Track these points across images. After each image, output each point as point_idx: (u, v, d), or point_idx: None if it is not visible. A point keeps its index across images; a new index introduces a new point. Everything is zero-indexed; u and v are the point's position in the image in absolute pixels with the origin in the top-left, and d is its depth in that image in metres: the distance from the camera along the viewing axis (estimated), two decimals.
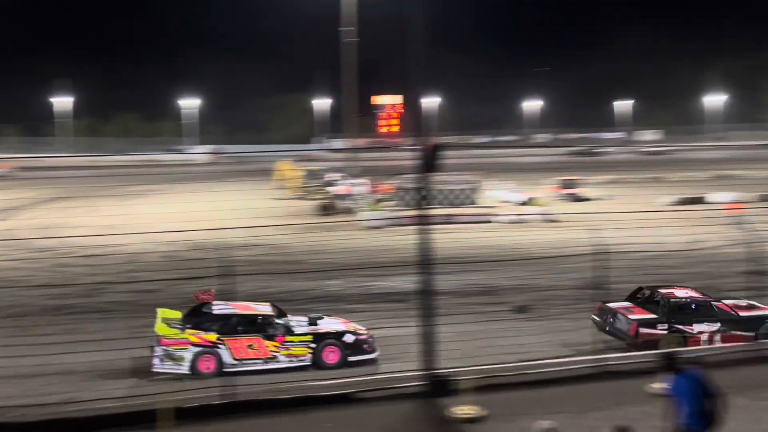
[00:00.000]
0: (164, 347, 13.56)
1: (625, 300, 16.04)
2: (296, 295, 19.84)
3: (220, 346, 13.78)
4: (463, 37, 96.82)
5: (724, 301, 15.66)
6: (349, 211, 38.30)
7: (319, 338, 14.32)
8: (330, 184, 46.27)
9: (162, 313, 14.45)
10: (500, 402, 11.85)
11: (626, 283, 20.60)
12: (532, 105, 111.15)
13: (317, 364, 14.19)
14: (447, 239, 21.83)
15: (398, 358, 13.69)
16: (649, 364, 11.94)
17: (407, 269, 15.57)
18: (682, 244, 24.69)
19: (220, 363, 13.74)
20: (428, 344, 12.35)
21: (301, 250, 27.62)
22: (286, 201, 44.85)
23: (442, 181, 38.94)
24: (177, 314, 14.55)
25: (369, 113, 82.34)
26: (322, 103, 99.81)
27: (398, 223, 31.90)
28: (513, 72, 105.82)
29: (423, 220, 12.70)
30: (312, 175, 49.25)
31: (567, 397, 12.11)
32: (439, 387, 12.10)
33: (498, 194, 43.73)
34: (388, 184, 41.67)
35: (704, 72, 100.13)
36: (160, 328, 13.83)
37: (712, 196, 40.86)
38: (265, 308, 14.80)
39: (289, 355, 14.09)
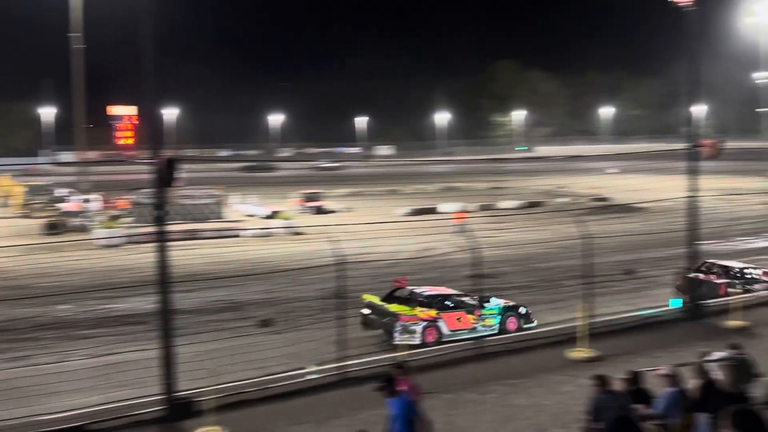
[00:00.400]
0: (402, 323, 15.75)
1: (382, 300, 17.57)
2: (18, 323, 17.97)
3: (439, 320, 16.63)
4: (206, 50, 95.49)
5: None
6: (82, 229, 35.67)
7: (503, 311, 17.52)
8: (59, 200, 42.63)
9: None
10: (243, 419, 11.74)
11: (368, 290, 21.60)
12: (276, 119, 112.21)
13: (502, 331, 17.09)
14: (192, 255, 21.25)
15: (137, 384, 12.91)
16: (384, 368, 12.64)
17: (147, 289, 14.79)
18: (416, 252, 26.50)
19: (440, 333, 16.62)
20: (168, 366, 11.85)
21: (25, 273, 25.01)
22: (8, 220, 40.43)
23: (184, 195, 37.73)
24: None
25: (105, 124, 77.33)
26: (51, 113, 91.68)
27: (136, 240, 30.31)
28: (257, 86, 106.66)
29: (161, 237, 12.16)
30: (36, 190, 45.02)
31: (309, 408, 12.32)
32: (181, 410, 11.67)
33: (243, 208, 43.46)
34: (124, 200, 39.48)
35: (433, 91, 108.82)
36: (396, 307, 16.58)
37: (443, 207, 44.28)
38: (451, 290, 18.07)
39: (484, 326, 17.09)
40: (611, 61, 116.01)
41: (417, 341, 15.88)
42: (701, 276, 20.51)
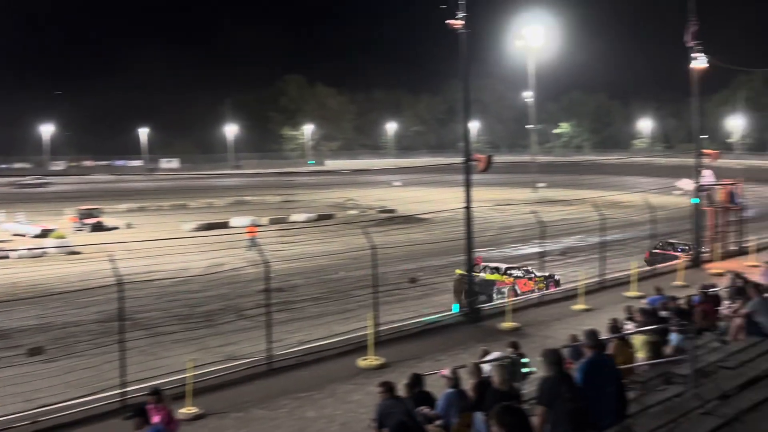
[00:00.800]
0: (498, 287, 22.68)
1: None
2: None
3: (515, 284, 22.77)
4: None
5: None
6: None
7: (546, 278, 23.27)
8: None
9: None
10: None
11: (155, 310, 20.70)
12: (48, 130, 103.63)
13: (545, 294, 21.63)
14: None
15: None
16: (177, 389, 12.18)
17: None
18: (205, 268, 25.85)
19: (516, 294, 22.01)
20: None
21: None
22: None
23: None
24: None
25: None
26: None
27: None
28: (27, 96, 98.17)
29: None
30: None
31: None
32: None
33: (10, 227, 39.78)
34: None
35: (221, 103, 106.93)
36: (493, 276, 23.18)
37: (234, 221, 43.63)
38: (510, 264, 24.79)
39: (538, 288, 22.54)
40: (393, 80, 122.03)
41: (505, 297, 21.11)
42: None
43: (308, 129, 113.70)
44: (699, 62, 26.44)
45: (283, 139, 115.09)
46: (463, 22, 19.04)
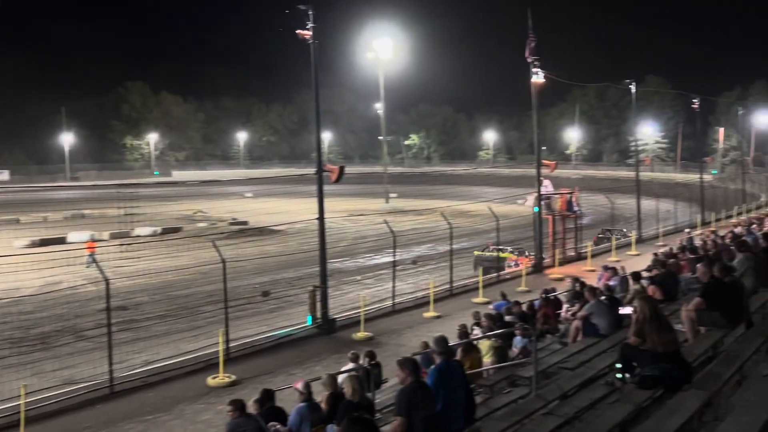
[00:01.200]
0: (509, 263, 29.15)
1: None
2: None
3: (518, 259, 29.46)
4: None
5: None
6: None
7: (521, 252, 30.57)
8: None
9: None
10: None
11: None
12: None
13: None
14: None
15: None
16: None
17: None
18: (40, 287, 24.17)
19: (517, 266, 28.11)
20: None
21: None
22: None
23: None
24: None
25: None
26: None
27: None
28: None
29: None
30: None
31: None
32: None
33: None
34: None
35: (57, 111, 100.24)
36: (504, 254, 29.82)
37: (73, 236, 41.23)
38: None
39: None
40: (243, 87, 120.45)
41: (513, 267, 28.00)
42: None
43: (153, 138, 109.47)
44: (537, 77, 28.07)
45: (125, 149, 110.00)
46: (311, 33, 19.13)
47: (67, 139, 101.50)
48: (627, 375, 7.53)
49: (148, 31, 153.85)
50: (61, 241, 39.94)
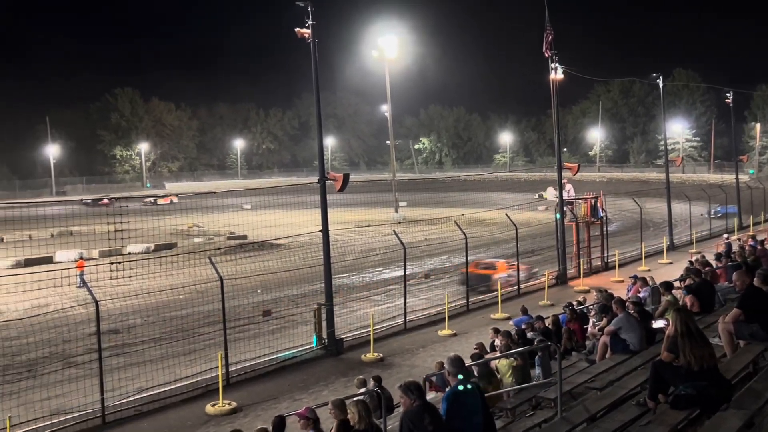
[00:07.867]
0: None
1: None
2: None
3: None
4: None
5: None
6: None
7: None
8: None
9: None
10: None
11: None
12: None
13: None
14: None
15: None
16: None
17: None
18: (26, 310, 24.24)
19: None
20: None
21: None
22: None
23: None
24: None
25: None
26: None
27: None
28: None
29: None
30: None
31: None
32: None
33: None
34: None
35: (41, 121, 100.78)
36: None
37: (60, 254, 41.37)
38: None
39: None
40: (239, 92, 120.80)
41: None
42: None
43: (144, 148, 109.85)
44: (556, 73, 28.06)
45: (114, 160, 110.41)
46: (310, 31, 19.19)
47: (52, 151, 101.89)
48: (660, 395, 7.48)
49: (136, 34, 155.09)
50: (48, 260, 40.09)
